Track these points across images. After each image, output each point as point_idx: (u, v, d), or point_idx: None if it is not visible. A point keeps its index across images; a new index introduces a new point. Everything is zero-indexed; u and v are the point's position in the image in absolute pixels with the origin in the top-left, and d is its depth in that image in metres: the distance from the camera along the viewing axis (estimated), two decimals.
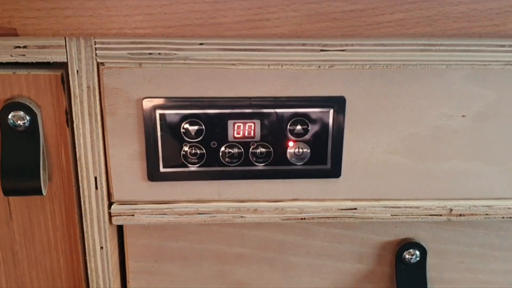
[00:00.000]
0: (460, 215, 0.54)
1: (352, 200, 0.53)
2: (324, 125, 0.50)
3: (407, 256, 0.57)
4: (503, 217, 0.54)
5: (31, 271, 0.54)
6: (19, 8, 0.43)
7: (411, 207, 0.54)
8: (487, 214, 0.54)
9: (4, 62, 0.47)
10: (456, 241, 0.57)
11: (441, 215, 0.54)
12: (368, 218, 0.54)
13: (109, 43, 0.46)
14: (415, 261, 0.57)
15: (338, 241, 0.57)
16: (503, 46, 0.48)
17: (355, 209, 0.53)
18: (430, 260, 0.57)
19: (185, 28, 0.44)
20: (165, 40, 0.46)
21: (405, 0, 0.44)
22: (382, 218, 0.54)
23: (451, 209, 0.54)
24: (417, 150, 0.52)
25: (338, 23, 0.44)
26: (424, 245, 0.57)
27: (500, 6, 0.44)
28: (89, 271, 0.54)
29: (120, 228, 0.55)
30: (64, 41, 0.46)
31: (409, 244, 0.57)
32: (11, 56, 0.46)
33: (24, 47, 0.46)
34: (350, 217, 0.54)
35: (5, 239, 0.53)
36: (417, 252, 0.57)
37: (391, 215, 0.54)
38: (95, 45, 0.46)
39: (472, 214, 0.54)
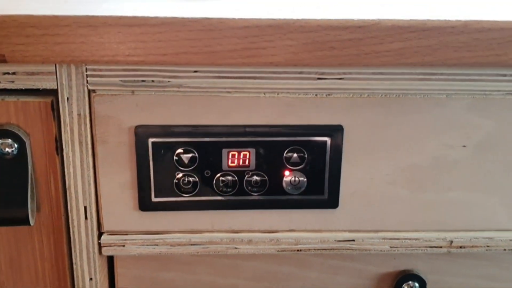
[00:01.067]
0: (460, 247, 0.53)
1: (350, 231, 0.52)
2: (321, 154, 0.49)
3: None
4: (504, 249, 0.53)
5: None
6: (8, 34, 0.42)
7: (410, 239, 0.53)
8: (488, 246, 0.53)
9: None
10: (456, 273, 0.56)
11: (441, 247, 0.53)
12: (366, 250, 0.53)
13: (101, 70, 0.45)
14: None
15: (335, 273, 0.55)
16: (505, 75, 0.47)
17: (353, 240, 0.52)
18: None
19: (180, 56, 0.43)
20: (158, 67, 0.45)
21: (404, 29, 0.43)
22: (381, 250, 0.53)
23: (452, 241, 0.53)
24: (417, 180, 0.51)
25: (336, 52, 0.43)
26: (423, 277, 0.55)
27: (502, 36, 0.44)
28: None
29: (110, 258, 0.54)
30: (54, 68, 0.45)
31: (408, 275, 0.55)
32: (0, 82, 0.45)
33: (13, 73, 0.45)
34: (348, 249, 0.52)
35: None
36: (416, 284, 0.55)
37: (390, 247, 0.53)
38: (86, 72, 0.45)
39: (473, 246, 0.53)
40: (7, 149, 0.46)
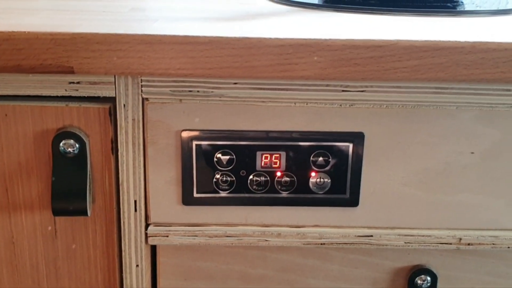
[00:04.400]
0: (468, 244, 0.58)
1: (369, 227, 0.57)
2: (344, 158, 0.54)
3: (419, 282, 0.60)
4: (508, 247, 0.58)
5: (71, 285, 0.58)
6: (77, 49, 0.48)
7: (423, 236, 0.57)
8: (493, 244, 0.58)
9: (59, 95, 0.52)
10: (465, 269, 0.60)
11: (451, 244, 0.58)
12: (383, 245, 0.58)
13: (153, 81, 0.51)
14: (426, 286, 0.60)
15: (354, 266, 0.60)
16: (509, 90, 0.52)
17: (371, 236, 0.57)
18: (440, 286, 0.60)
19: (223, 70, 0.49)
20: (204, 79, 0.51)
21: (419, 48, 0.48)
22: (396, 245, 0.58)
23: (460, 239, 0.57)
24: (429, 183, 0.56)
25: (359, 67, 0.49)
26: (435, 272, 0.60)
27: (506, 55, 0.49)
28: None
29: (153, 248, 0.60)
30: (113, 78, 0.51)
31: (421, 270, 0.60)
32: (66, 90, 0.52)
33: (78, 82, 0.51)
34: (367, 244, 0.57)
35: (50, 255, 0.57)
36: (428, 278, 0.60)
37: (405, 242, 0.57)
38: (141, 82, 0.51)
39: (480, 244, 0.58)
40: (69, 149, 0.53)
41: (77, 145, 0.53)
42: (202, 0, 0.70)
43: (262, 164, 0.54)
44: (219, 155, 0.54)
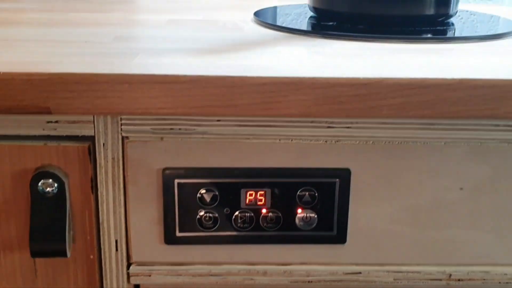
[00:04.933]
0: (458, 280, 0.57)
1: (357, 264, 0.56)
2: (331, 195, 0.53)
3: None
4: (499, 282, 0.57)
5: None
6: (54, 90, 0.47)
7: (412, 272, 0.56)
8: (484, 279, 0.57)
9: (37, 135, 0.51)
10: None
11: (440, 280, 0.57)
12: (372, 282, 0.56)
13: (134, 119, 0.50)
14: None
15: None
16: (498, 125, 0.51)
17: (360, 273, 0.56)
18: None
19: (205, 109, 0.48)
20: (186, 117, 0.50)
21: (405, 86, 0.47)
22: (385, 282, 0.56)
23: (450, 274, 0.57)
24: (418, 219, 0.55)
25: (343, 105, 0.48)
26: None
27: (494, 92, 0.48)
28: None
29: (137, 287, 0.58)
30: (92, 118, 0.50)
31: None
32: (43, 130, 0.50)
33: (56, 122, 0.50)
34: (355, 281, 0.56)
35: None
36: None
37: (394, 279, 0.56)
38: (121, 121, 0.50)
39: (470, 279, 0.57)
40: (48, 189, 0.51)
41: (56, 185, 0.51)
42: (187, 27, 0.69)
43: (247, 201, 0.53)
44: (202, 192, 0.53)
